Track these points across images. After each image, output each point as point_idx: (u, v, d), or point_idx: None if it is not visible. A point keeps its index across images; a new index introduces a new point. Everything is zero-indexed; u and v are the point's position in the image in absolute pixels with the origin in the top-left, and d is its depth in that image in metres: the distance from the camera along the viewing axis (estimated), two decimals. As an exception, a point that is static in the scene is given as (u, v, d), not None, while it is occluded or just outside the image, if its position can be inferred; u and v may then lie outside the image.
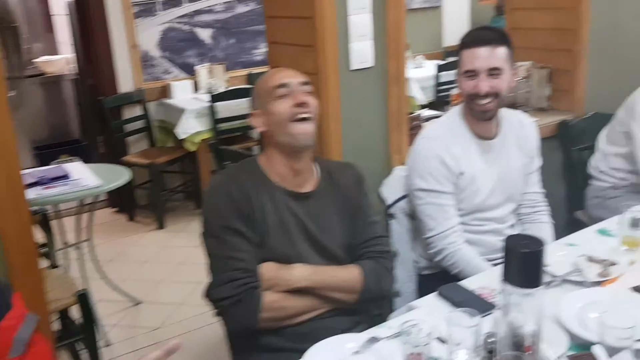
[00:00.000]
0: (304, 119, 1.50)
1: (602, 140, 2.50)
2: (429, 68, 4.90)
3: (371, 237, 1.63)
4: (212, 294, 1.48)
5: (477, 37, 1.78)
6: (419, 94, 4.64)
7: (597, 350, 1.15)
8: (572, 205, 2.69)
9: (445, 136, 1.86)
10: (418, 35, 5.52)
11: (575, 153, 2.67)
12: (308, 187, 1.59)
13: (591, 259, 1.61)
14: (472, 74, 1.77)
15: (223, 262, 1.46)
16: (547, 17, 2.68)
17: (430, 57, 5.28)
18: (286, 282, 1.49)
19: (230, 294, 1.44)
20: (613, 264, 1.57)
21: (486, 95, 1.77)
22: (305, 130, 1.50)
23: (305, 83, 1.55)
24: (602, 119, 2.59)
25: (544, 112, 2.73)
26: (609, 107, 2.65)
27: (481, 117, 1.83)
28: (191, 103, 4.10)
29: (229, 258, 1.46)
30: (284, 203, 1.54)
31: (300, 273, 1.51)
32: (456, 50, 1.88)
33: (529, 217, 2.03)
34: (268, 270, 1.49)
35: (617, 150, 2.41)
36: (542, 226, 2.01)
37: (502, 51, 1.76)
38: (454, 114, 1.92)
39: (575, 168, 2.67)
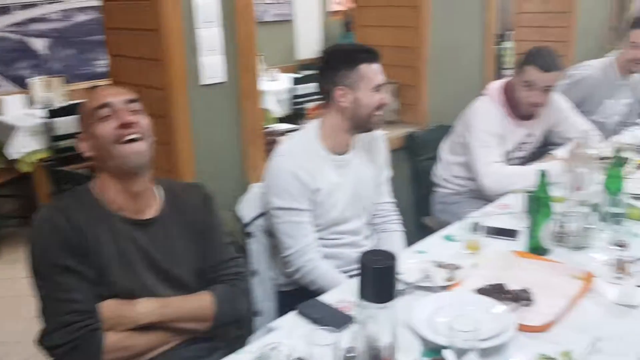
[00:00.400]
0: (132, 140, 1.39)
1: (444, 150, 2.69)
2: (284, 81, 4.95)
3: (224, 260, 1.58)
4: (46, 342, 1.33)
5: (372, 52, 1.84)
6: (275, 107, 4.67)
7: (446, 354, 1.20)
8: (420, 211, 2.85)
9: (300, 153, 1.86)
10: (271, 48, 5.57)
11: (421, 163, 2.83)
12: (150, 213, 1.48)
13: (439, 265, 1.69)
14: (379, 87, 1.83)
15: (55, 305, 1.32)
16: (392, 35, 2.82)
17: (284, 70, 5.35)
18: (130, 319, 1.38)
19: (66, 340, 1.29)
20: (458, 267, 1.67)
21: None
22: (134, 150, 1.39)
23: (131, 100, 1.44)
24: (444, 131, 2.78)
25: (393, 125, 2.87)
26: (448, 119, 2.86)
27: (378, 127, 1.90)
28: (24, 119, 3.77)
29: (62, 300, 1.31)
30: (124, 232, 1.42)
31: (145, 308, 1.40)
32: (310, 65, 1.89)
33: (381, 226, 2.10)
34: (108, 308, 1.36)
35: (456, 160, 2.60)
36: (394, 235, 2.09)
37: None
38: (309, 130, 1.93)
39: (421, 177, 2.83)
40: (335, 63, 1.85)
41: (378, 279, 1.05)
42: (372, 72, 1.82)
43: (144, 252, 1.44)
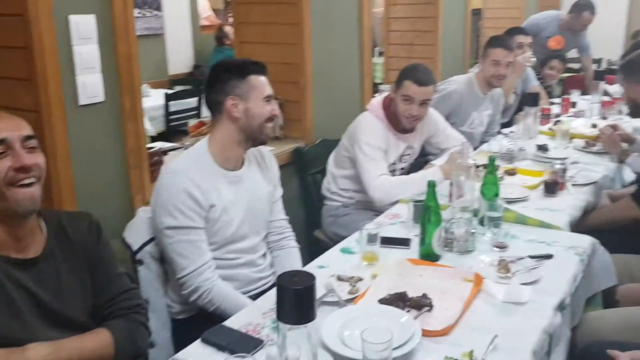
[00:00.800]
0: (27, 184, 1.27)
1: (331, 164, 2.74)
2: (157, 97, 4.78)
3: (118, 293, 1.48)
4: None
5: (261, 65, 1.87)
6: (148, 125, 4.48)
7: (362, 367, 1.22)
8: (311, 225, 2.88)
9: (191, 169, 1.80)
10: (142, 63, 5.34)
11: (310, 177, 2.87)
12: (34, 250, 1.35)
13: (340, 278, 1.71)
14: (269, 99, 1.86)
15: None
16: (274, 52, 2.84)
17: (156, 85, 5.17)
18: None
19: None
20: (360, 279, 1.70)
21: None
22: (28, 195, 1.28)
23: (29, 137, 1.31)
24: (329, 145, 2.84)
25: (279, 141, 2.88)
26: (333, 133, 2.93)
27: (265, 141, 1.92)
28: None
29: None
30: (6, 275, 1.28)
31: (36, 354, 1.26)
32: (183, 80, 1.85)
33: (277, 244, 2.09)
34: None
35: (343, 173, 2.67)
36: (290, 251, 2.09)
37: None
38: (199, 146, 1.88)
39: (310, 191, 2.87)
40: (225, 74, 1.83)
41: (298, 300, 1.03)
42: (261, 83, 1.85)
43: (30, 295, 1.30)
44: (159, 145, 2.93)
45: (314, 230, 2.86)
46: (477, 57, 4.64)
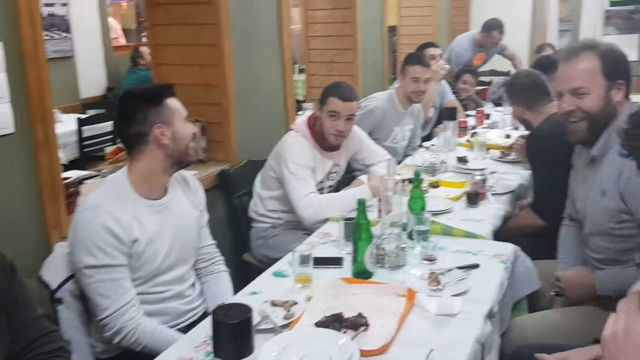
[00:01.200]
0: None
1: (257, 185, 2.71)
2: (68, 123, 4.54)
3: (38, 337, 1.39)
4: None
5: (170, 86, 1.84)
6: (60, 152, 4.24)
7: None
8: (240, 248, 2.83)
9: (111, 203, 1.71)
10: (52, 88, 5.10)
11: (236, 200, 2.82)
12: None
13: (274, 303, 1.68)
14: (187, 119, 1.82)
15: None
16: (195, 73, 2.79)
17: (67, 110, 4.93)
18: None
19: None
20: (294, 303, 1.68)
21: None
22: None
23: None
24: (256, 165, 2.81)
25: (203, 164, 2.81)
26: (258, 154, 2.90)
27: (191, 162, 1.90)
28: None
29: None
30: None
31: None
32: (96, 103, 1.78)
33: (206, 269, 2.04)
34: None
35: (271, 194, 2.64)
36: (221, 276, 2.05)
37: None
38: (118, 178, 1.80)
39: (238, 213, 2.82)
40: (140, 104, 1.76)
41: (235, 335, 1.00)
42: (177, 105, 1.83)
43: None
44: (74, 174, 2.79)
45: (243, 254, 2.81)
46: (395, 73, 4.79)
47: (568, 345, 1.57)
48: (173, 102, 1.81)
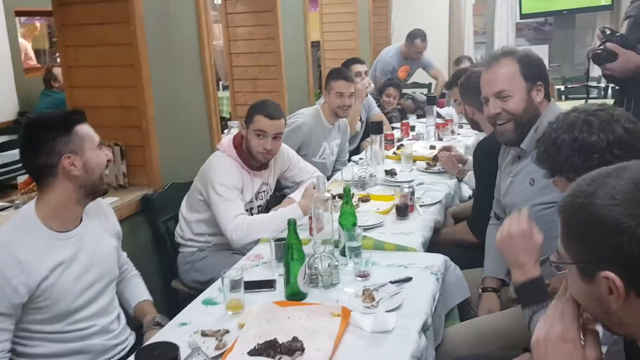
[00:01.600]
0: None
1: (184, 209, 2.61)
2: (-25, 148, 4.25)
3: None
4: None
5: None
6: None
7: None
8: (167, 275, 2.72)
9: (14, 241, 1.59)
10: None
11: (162, 225, 2.71)
12: None
13: (205, 334, 1.61)
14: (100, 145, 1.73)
15: None
16: (112, 95, 2.66)
17: (-22, 138, 4.61)
18: None
19: None
20: (226, 332, 1.61)
21: None
22: None
23: None
24: (180, 189, 2.71)
25: (124, 190, 2.69)
26: (183, 176, 2.81)
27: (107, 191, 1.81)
28: None
29: None
30: None
31: None
32: (6, 129, 1.65)
33: (123, 282, 2.01)
34: None
35: (198, 217, 2.55)
36: (135, 281, 2.05)
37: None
38: (25, 213, 1.68)
39: (164, 239, 2.71)
40: (47, 133, 1.64)
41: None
42: (89, 131, 1.72)
43: None
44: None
45: (171, 281, 2.69)
46: (320, 88, 4.82)
47: (501, 354, 1.59)
48: (84, 129, 1.70)
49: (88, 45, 2.62)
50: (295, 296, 1.80)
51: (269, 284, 1.91)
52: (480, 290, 2.12)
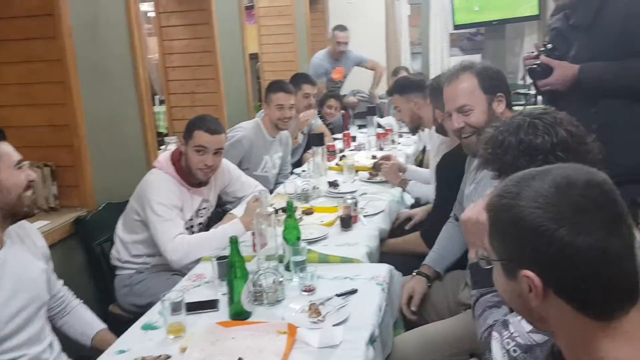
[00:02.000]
0: None
1: (120, 230, 2.51)
2: None
3: None
4: None
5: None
6: None
7: None
8: (104, 300, 2.59)
9: None
10: None
11: (97, 247, 2.59)
12: None
13: (145, 361, 1.54)
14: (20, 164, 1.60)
15: None
16: (40, 114, 2.52)
17: None
18: None
19: None
20: (168, 357, 1.55)
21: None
22: None
23: None
24: (116, 209, 2.60)
25: (55, 212, 2.55)
26: (118, 196, 2.70)
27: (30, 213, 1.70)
28: None
29: None
30: None
31: None
32: None
33: (62, 312, 1.92)
34: None
35: (136, 238, 2.46)
36: (82, 311, 1.97)
37: None
38: None
39: (100, 262, 2.59)
40: None
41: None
42: (6, 150, 1.63)
43: None
44: None
45: (108, 306, 2.57)
46: (260, 100, 4.78)
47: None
48: (2, 147, 1.61)
49: (14, 62, 2.49)
50: (239, 315, 1.75)
51: (211, 305, 1.85)
52: (414, 272, 2.18)
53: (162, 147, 3.15)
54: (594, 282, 0.84)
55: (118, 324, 2.53)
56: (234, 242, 1.76)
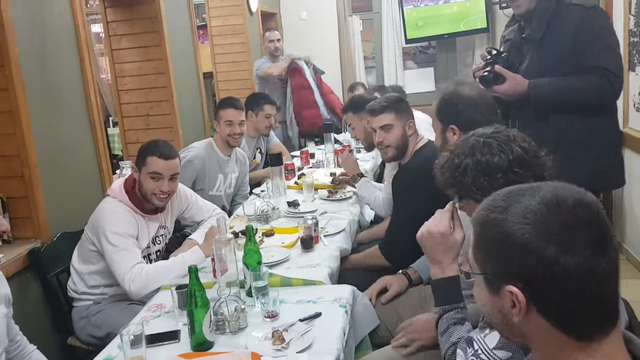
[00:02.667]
0: None
1: (75, 261, 2.44)
2: None
3: None
4: None
5: None
6: None
7: None
8: (62, 332, 2.52)
9: None
10: None
11: (53, 280, 2.51)
12: None
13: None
14: None
15: None
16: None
17: None
18: None
19: None
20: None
21: None
22: None
23: None
24: (73, 238, 2.54)
25: (9, 245, 2.46)
26: (76, 224, 2.63)
27: None
28: None
29: None
30: None
31: None
32: None
33: (19, 355, 1.85)
34: None
35: (92, 269, 2.39)
36: (35, 354, 1.89)
37: None
38: None
39: (57, 294, 2.51)
40: None
41: None
42: None
43: None
44: None
45: (66, 338, 2.50)
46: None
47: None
48: None
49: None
50: (201, 346, 1.73)
51: (172, 336, 1.82)
52: (399, 272, 2.22)
53: (118, 171, 3.08)
54: (578, 301, 0.84)
55: (78, 357, 2.48)
56: (193, 271, 1.74)
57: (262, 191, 3.49)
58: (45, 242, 2.53)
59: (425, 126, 3.25)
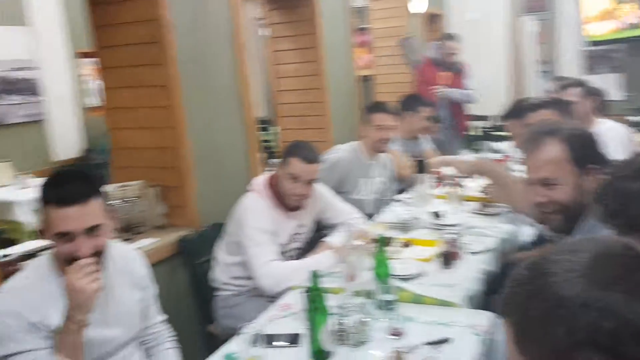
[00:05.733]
0: None
1: (220, 251, 2.54)
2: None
3: None
4: None
5: (61, 196, 1.50)
6: (30, 218, 4.08)
7: None
8: (204, 319, 2.63)
9: (29, 288, 1.55)
10: (20, 152, 5.00)
11: (199, 267, 2.64)
12: None
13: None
14: (67, 237, 1.50)
15: None
16: (150, 137, 2.66)
17: (40, 174, 4.77)
18: None
19: None
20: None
21: (95, 254, 1.53)
22: None
23: None
24: (219, 230, 2.64)
25: (162, 230, 2.65)
26: (223, 217, 2.74)
27: None
28: None
29: None
30: None
31: None
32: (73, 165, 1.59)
33: (155, 349, 1.89)
34: None
35: (234, 260, 2.46)
36: (167, 353, 1.90)
37: (95, 205, 1.54)
38: (42, 261, 1.63)
39: (201, 282, 2.64)
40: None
41: None
42: (56, 217, 1.55)
43: None
44: (28, 244, 2.61)
45: (207, 325, 2.61)
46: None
47: None
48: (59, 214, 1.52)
49: (126, 87, 2.64)
50: (318, 355, 1.66)
51: (293, 339, 1.79)
52: None
53: (267, 169, 3.18)
54: None
55: (215, 345, 2.57)
56: (315, 276, 1.68)
57: (407, 198, 3.34)
58: (195, 231, 2.67)
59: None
